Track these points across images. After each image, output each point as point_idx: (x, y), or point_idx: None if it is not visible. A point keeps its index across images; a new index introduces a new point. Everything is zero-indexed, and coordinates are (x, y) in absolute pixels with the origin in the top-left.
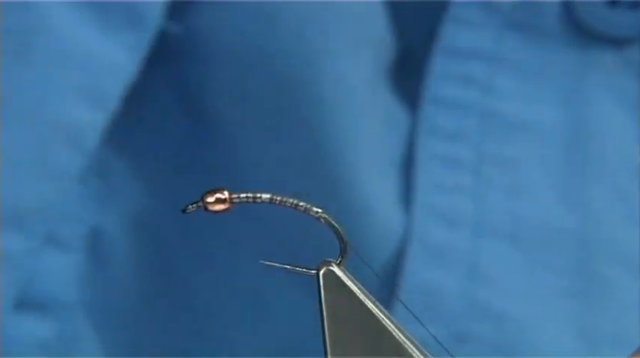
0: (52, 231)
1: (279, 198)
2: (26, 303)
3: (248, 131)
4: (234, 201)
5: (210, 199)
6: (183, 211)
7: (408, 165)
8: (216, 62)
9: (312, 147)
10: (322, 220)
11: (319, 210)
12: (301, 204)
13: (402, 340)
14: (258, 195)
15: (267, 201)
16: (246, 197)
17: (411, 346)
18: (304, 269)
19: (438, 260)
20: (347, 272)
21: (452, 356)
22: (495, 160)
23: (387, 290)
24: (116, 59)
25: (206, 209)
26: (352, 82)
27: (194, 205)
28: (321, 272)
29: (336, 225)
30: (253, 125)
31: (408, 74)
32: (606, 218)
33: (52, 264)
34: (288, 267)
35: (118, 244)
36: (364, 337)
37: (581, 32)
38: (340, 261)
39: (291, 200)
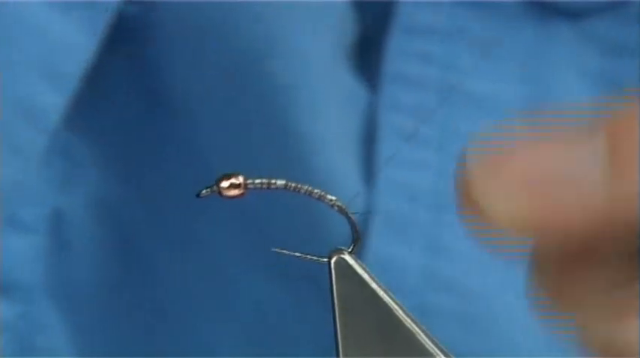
0: (13, 212)
1: (293, 185)
2: None
3: (208, 109)
4: (249, 186)
5: (225, 184)
6: (197, 195)
7: (369, 142)
8: (174, 41)
9: (272, 122)
10: (336, 208)
11: (333, 198)
12: (316, 191)
13: (414, 329)
14: (273, 181)
15: (282, 187)
16: (261, 183)
17: (423, 335)
18: (316, 257)
19: (399, 234)
20: (359, 260)
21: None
22: (457, 135)
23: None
24: (75, 40)
25: (220, 194)
26: (312, 58)
27: (208, 189)
28: (333, 260)
29: (349, 214)
30: (213, 103)
31: (367, 53)
32: None
33: (13, 246)
34: (299, 254)
35: (81, 226)
36: (375, 325)
37: (539, 6)
38: (352, 249)
39: (305, 187)
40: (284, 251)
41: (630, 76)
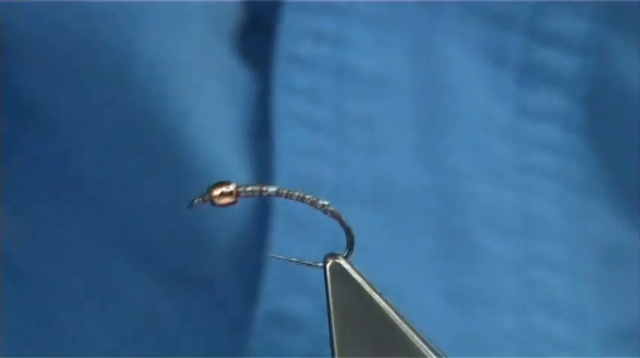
0: None
1: (285, 191)
2: None
3: (75, 120)
4: (241, 194)
5: (216, 193)
6: (189, 206)
7: (262, 130)
8: (34, 56)
9: (146, 124)
10: (329, 213)
11: (326, 203)
12: (308, 196)
13: (409, 333)
14: (265, 188)
15: (274, 193)
16: (252, 190)
17: (418, 339)
18: (311, 263)
19: (301, 231)
20: (354, 265)
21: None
22: (353, 119)
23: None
24: None
25: (212, 203)
26: (183, 53)
27: (200, 199)
28: (328, 265)
29: (343, 218)
30: (80, 114)
31: (258, 36)
32: (464, 172)
33: None
34: (295, 260)
35: None
36: (371, 329)
37: None
38: (347, 254)
39: (297, 193)
40: (280, 257)
41: (516, 47)
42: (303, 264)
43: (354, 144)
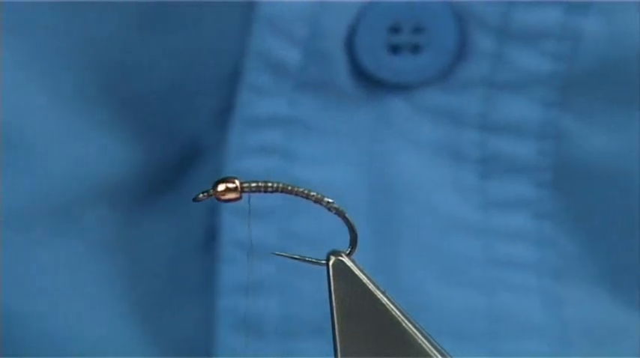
0: None
1: (289, 187)
2: None
3: None
4: (245, 190)
5: (221, 188)
6: (194, 200)
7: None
8: None
9: None
10: (334, 210)
11: (330, 200)
12: (312, 193)
13: (412, 330)
14: (269, 183)
15: (279, 189)
16: (257, 186)
17: (420, 336)
18: (314, 260)
19: None
20: (356, 262)
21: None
22: (303, 238)
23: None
24: None
25: (217, 198)
26: None
27: (205, 194)
28: (331, 263)
29: (347, 216)
30: None
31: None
32: (418, 284)
33: None
34: (297, 257)
35: None
36: (373, 327)
37: (371, 83)
38: (350, 252)
39: (302, 189)
40: (283, 254)
41: (471, 141)
42: (306, 260)
43: (300, 270)
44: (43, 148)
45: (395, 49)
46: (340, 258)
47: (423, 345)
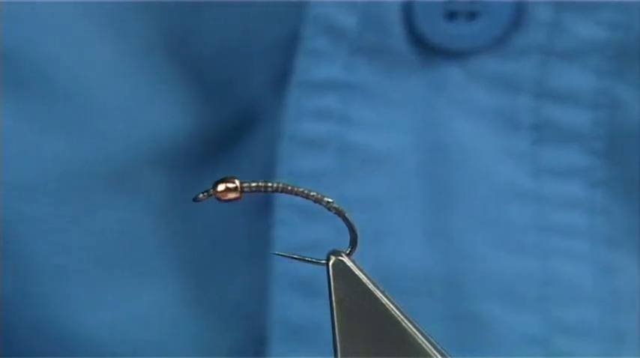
0: None
1: (290, 187)
2: None
3: None
4: (245, 189)
5: (221, 188)
6: (194, 200)
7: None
8: None
9: None
10: (334, 210)
11: (330, 200)
12: (312, 193)
13: (412, 330)
14: (269, 184)
15: (279, 189)
16: (257, 186)
17: (420, 336)
18: (314, 260)
19: (300, 341)
20: (357, 262)
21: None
22: (357, 203)
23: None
24: None
25: (217, 198)
26: None
27: (205, 193)
28: (331, 263)
29: (347, 215)
30: None
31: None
32: (476, 250)
33: None
34: (297, 257)
35: None
36: (373, 327)
37: (427, 49)
38: (350, 252)
39: (302, 189)
40: (283, 254)
41: (526, 109)
42: (306, 260)
43: (360, 230)
44: (104, 105)
45: (451, 16)
46: (340, 257)
47: (423, 345)
